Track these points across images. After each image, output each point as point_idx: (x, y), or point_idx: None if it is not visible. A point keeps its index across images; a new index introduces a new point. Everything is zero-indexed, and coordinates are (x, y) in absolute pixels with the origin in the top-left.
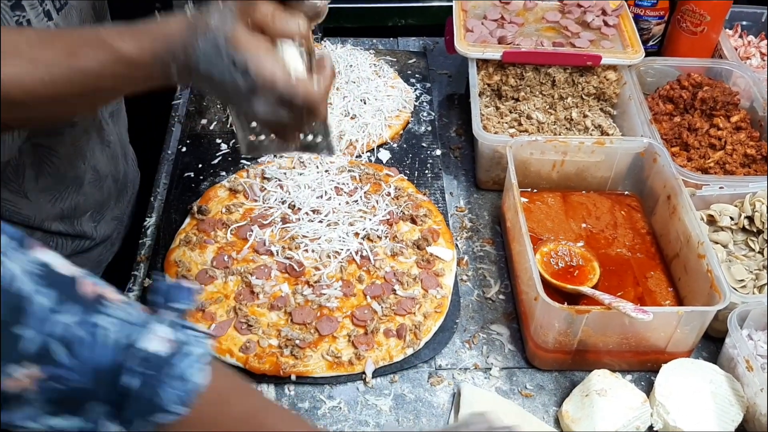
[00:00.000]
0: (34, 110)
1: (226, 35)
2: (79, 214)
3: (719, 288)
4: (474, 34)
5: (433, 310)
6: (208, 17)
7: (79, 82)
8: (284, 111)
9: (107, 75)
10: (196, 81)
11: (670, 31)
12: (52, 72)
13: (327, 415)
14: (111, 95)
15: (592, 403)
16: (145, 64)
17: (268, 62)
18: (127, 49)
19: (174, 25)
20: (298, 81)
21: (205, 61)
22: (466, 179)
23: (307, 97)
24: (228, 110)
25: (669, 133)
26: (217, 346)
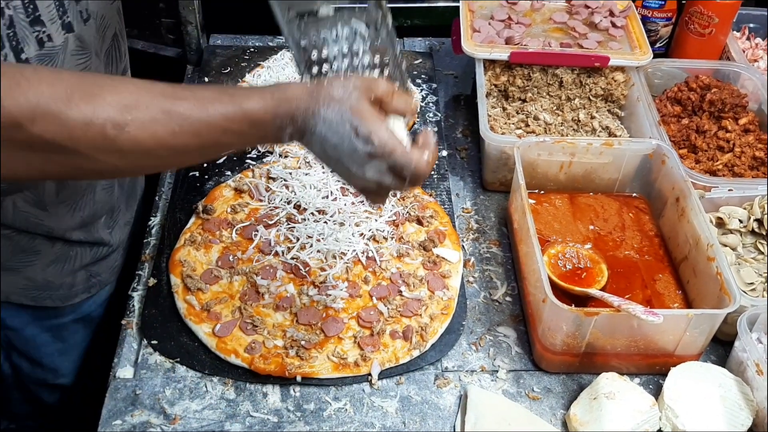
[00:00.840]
0: (155, 159)
1: (351, 106)
2: (95, 220)
3: (729, 291)
4: (481, 35)
5: (440, 312)
6: (331, 89)
7: (205, 135)
8: (390, 178)
9: (231, 130)
10: (306, 143)
11: (678, 32)
12: (183, 124)
13: (333, 417)
14: (224, 150)
15: (600, 406)
16: (265, 123)
17: (387, 134)
18: (253, 107)
19: (297, 91)
20: (413, 152)
21: (325, 128)
22: (472, 180)
23: (417, 167)
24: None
25: (677, 135)
26: (223, 346)
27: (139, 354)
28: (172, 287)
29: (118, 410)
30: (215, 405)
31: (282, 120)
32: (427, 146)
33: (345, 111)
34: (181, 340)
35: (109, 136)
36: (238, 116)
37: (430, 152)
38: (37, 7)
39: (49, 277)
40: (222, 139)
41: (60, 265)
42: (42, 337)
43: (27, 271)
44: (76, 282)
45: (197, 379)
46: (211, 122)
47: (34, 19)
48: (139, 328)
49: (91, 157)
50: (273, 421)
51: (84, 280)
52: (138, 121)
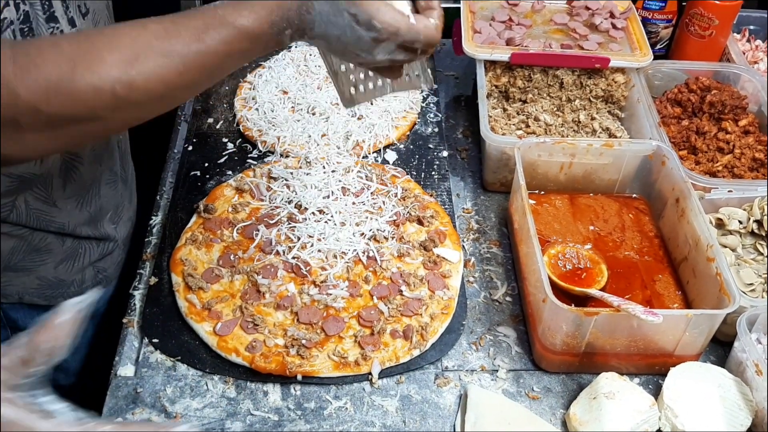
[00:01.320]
0: (170, 99)
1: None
2: (102, 216)
3: (728, 291)
4: (482, 36)
5: (440, 312)
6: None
7: (211, 65)
8: (402, 53)
9: (234, 52)
10: (309, 40)
11: (678, 34)
12: (186, 61)
13: (333, 416)
14: (232, 69)
15: (599, 406)
16: (264, 34)
17: (388, 13)
18: (247, 23)
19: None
20: (418, 23)
21: (323, 21)
22: (472, 181)
23: (427, 38)
24: (327, 70)
25: (677, 136)
26: (223, 345)
27: (140, 352)
28: (173, 286)
29: (119, 408)
30: (216, 403)
31: (278, 26)
32: (431, 8)
33: (338, 1)
34: (182, 338)
35: (121, 95)
36: (237, 38)
37: (436, 15)
38: (52, 4)
39: (61, 275)
40: (226, 63)
41: (70, 262)
42: None
43: (39, 271)
44: (86, 278)
45: (198, 377)
46: (212, 51)
47: (50, 15)
48: (140, 326)
49: (110, 118)
50: (273, 419)
51: (92, 276)
52: (144, 74)
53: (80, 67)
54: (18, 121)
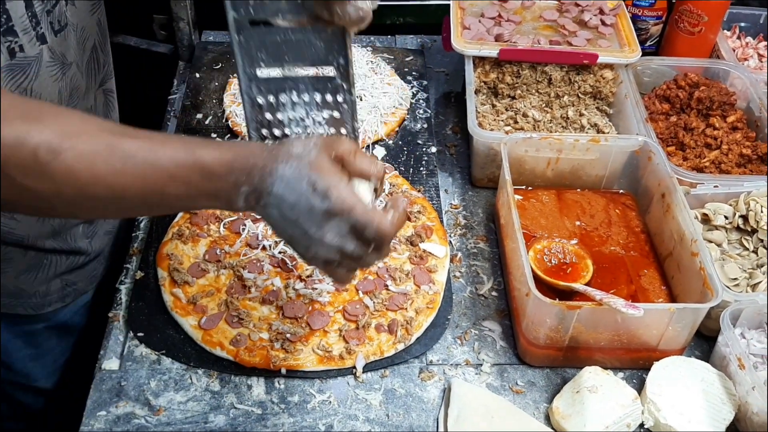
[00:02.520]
0: (91, 199)
1: (310, 162)
2: (69, 228)
3: (711, 285)
4: (471, 32)
5: (425, 306)
6: (291, 147)
7: (150, 179)
8: (352, 242)
9: (180, 178)
10: (262, 206)
11: (668, 31)
12: (126, 162)
13: (317, 409)
14: (168, 203)
15: (582, 399)
16: (218, 176)
17: (346, 190)
18: (206, 156)
19: (255, 148)
20: (375, 211)
21: (282, 186)
22: (461, 177)
23: (380, 227)
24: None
25: (665, 132)
26: (208, 339)
27: (125, 346)
28: (159, 280)
29: (103, 401)
30: (200, 397)
31: (237, 176)
32: (395, 208)
33: (303, 166)
34: (167, 332)
35: (41, 160)
36: (188, 163)
37: (396, 213)
38: (11, 17)
39: (22, 285)
40: (168, 188)
41: (33, 273)
42: (13, 342)
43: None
44: (50, 290)
45: (182, 371)
46: (158, 165)
47: (7, 29)
48: (126, 320)
49: (19, 182)
50: (257, 413)
51: (59, 288)
52: (76, 150)
53: (13, 115)
54: None
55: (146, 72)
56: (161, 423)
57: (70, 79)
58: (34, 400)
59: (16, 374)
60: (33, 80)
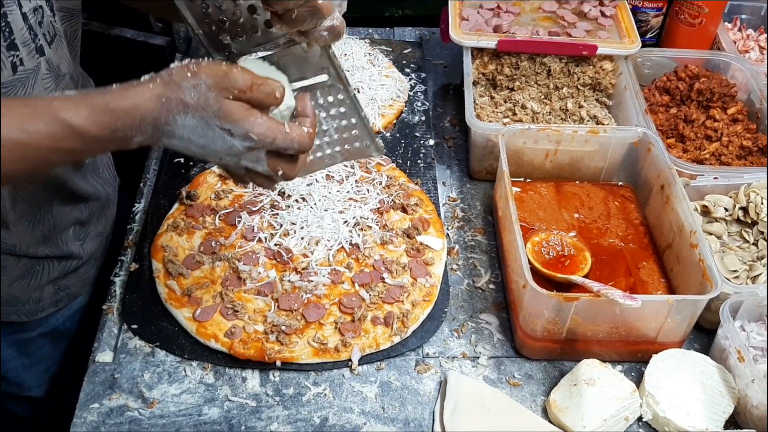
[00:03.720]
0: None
1: (215, 112)
2: (59, 232)
3: (711, 277)
4: (469, 23)
5: (422, 299)
6: (181, 93)
7: (32, 157)
8: (264, 163)
9: (61, 149)
10: (162, 146)
11: (669, 23)
12: (4, 148)
13: (312, 402)
14: (61, 165)
15: (580, 392)
16: (102, 138)
17: (264, 125)
18: (81, 123)
19: (140, 98)
20: (293, 131)
21: (187, 132)
22: (459, 169)
23: (301, 143)
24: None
25: (665, 124)
26: (203, 331)
27: (119, 339)
28: (153, 272)
29: (96, 394)
30: (194, 389)
31: (125, 131)
32: (305, 116)
33: (209, 118)
34: (161, 324)
35: None
36: (65, 135)
37: (309, 123)
38: (13, 31)
39: (15, 293)
40: (52, 159)
41: (26, 280)
42: (6, 351)
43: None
44: (44, 296)
45: (176, 363)
46: (35, 144)
47: (11, 43)
48: (120, 312)
49: None
50: (251, 405)
51: (52, 294)
52: None
53: None
54: None
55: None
56: (154, 415)
57: (62, 91)
58: (25, 408)
59: (9, 384)
60: (29, 94)
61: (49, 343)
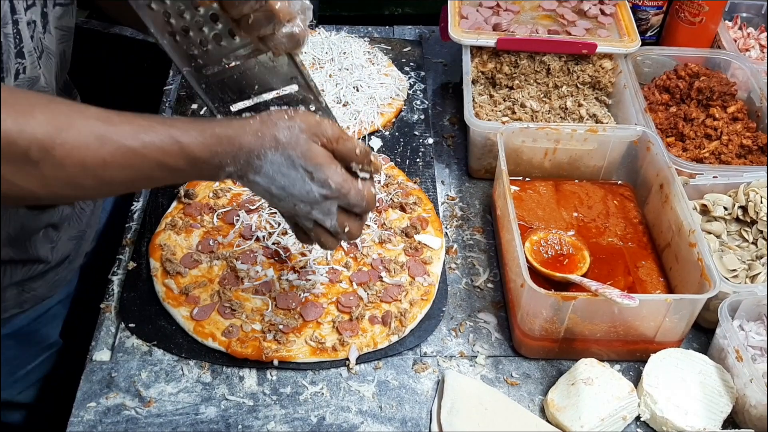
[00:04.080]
0: (77, 189)
1: (302, 153)
2: (29, 235)
3: (709, 276)
4: (469, 21)
5: (420, 298)
6: (276, 132)
7: (137, 168)
8: (334, 218)
9: (166, 165)
10: (248, 182)
11: (669, 21)
12: (115, 153)
13: (309, 401)
14: (152, 186)
15: (578, 391)
16: (202, 161)
17: (341, 176)
18: (190, 142)
19: (240, 130)
20: (364, 189)
21: (273, 170)
22: (458, 168)
23: (369, 202)
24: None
25: (664, 122)
26: (200, 330)
27: (116, 337)
28: (151, 271)
29: (93, 392)
30: (191, 388)
31: (221, 159)
32: (368, 181)
33: (296, 157)
34: (159, 323)
35: (33, 158)
36: (174, 150)
37: (374, 186)
38: (22, 39)
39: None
40: (154, 174)
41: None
42: None
43: None
44: (6, 297)
45: (174, 362)
46: (146, 154)
47: (19, 51)
48: (117, 311)
49: (8, 179)
50: (249, 404)
51: (15, 295)
52: (67, 146)
53: (7, 112)
54: None
55: (142, 62)
56: (151, 414)
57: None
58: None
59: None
60: None
61: (14, 345)
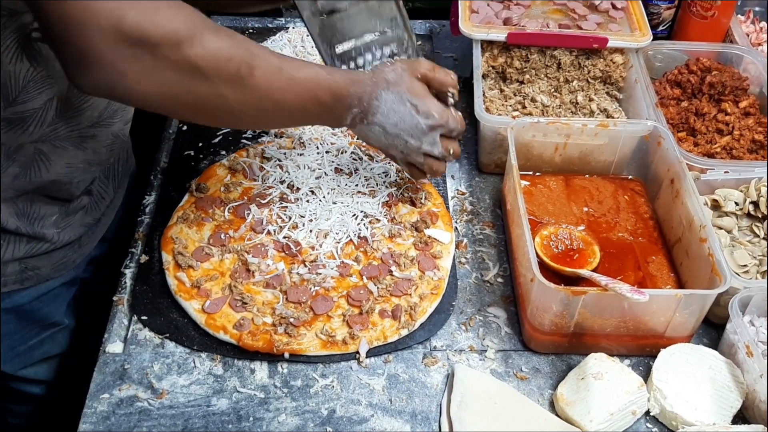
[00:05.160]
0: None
1: (408, 88)
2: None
3: (720, 272)
4: (479, 16)
5: (430, 292)
6: (385, 74)
7: (300, 97)
8: (439, 146)
9: (317, 99)
10: (366, 124)
11: (680, 15)
12: (289, 81)
13: (319, 394)
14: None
15: (587, 386)
16: (342, 98)
17: (440, 107)
18: (336, 81)
19: (361, 77)
20: (456, 114)
21: (387, 108)
22: (468, 163)
23: (462, 124)
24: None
25: (676, 117)
26: (212, 323)
27: (129, 330)
28: (163, 264)
29: (106, 384)
30: (203, 380)
31: (352, 99)
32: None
33: (403, 92)
34: (170, 316)
35: (242, 73)
36: (325, 84)
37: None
38: None
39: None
40: (308, 105)
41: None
42: None
43: None
44: (7, 272)
45: (186, 354)
46: (307, 85)
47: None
48: (130, 304)
49: (219, 89)
50: (260, 396)
51: (17, 271)
52: (262, 69)
53: (222, 33)
54: (157, 47)
55: None
56: (164, 406)
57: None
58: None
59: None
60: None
61: (14, 320)
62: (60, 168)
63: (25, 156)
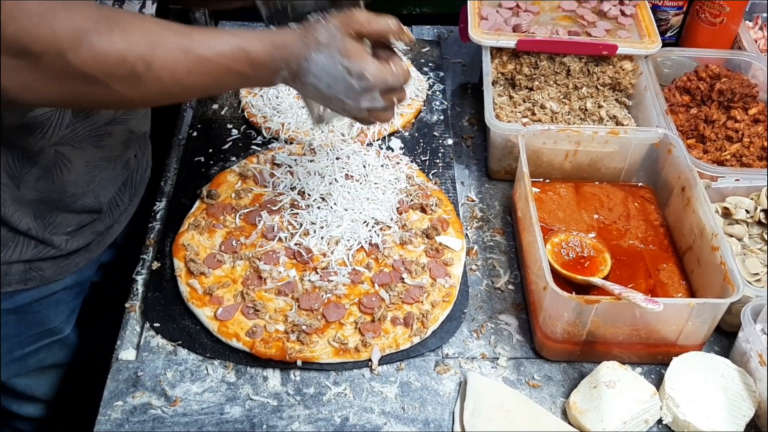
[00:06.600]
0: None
1: (339, 49)
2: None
3: (732, 280)
4: (488, 22)
5: (441, 299)
6: (317, 33)
7: (213, 74)
8: (381, 100)
9: (234, 71)
10: (299, 86)
11: (689, 22)
12: (195, 63)
13: (332, 401)
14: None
15: (600, 394)
16: (264, 65)
17: (375, 66)
18: (254, 49)
19: (288, 37)
20: (397, 68)
21: (318, 70)
22: (477, 169)
23: (404, 77)
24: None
25: (685, 124)
26: (224, 330)
27: (141, 337)
28: (175, 271)
29: (120, 391)
30: (216, 388)
31: (277, 64)
32: (393, 57)
33: (335, 54)
34: (183, 323)
35: (138, 72)
36: (241, 57)
37: (399, 60)
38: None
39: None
40: (224, 79)
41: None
42: None
43: None
44: (11, 271)
45: (198, 362)
46: (220, 63)
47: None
48: (142, 311)
49: (116, 89)
50: (273, 404)
51: (21, 271)
52: (161, 60)
53: (115, 32)
54: (39, 59)
55: None
56: (177, 413)
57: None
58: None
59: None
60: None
61: (14, 322)
62: (80, 167)
63: (46, 159)
